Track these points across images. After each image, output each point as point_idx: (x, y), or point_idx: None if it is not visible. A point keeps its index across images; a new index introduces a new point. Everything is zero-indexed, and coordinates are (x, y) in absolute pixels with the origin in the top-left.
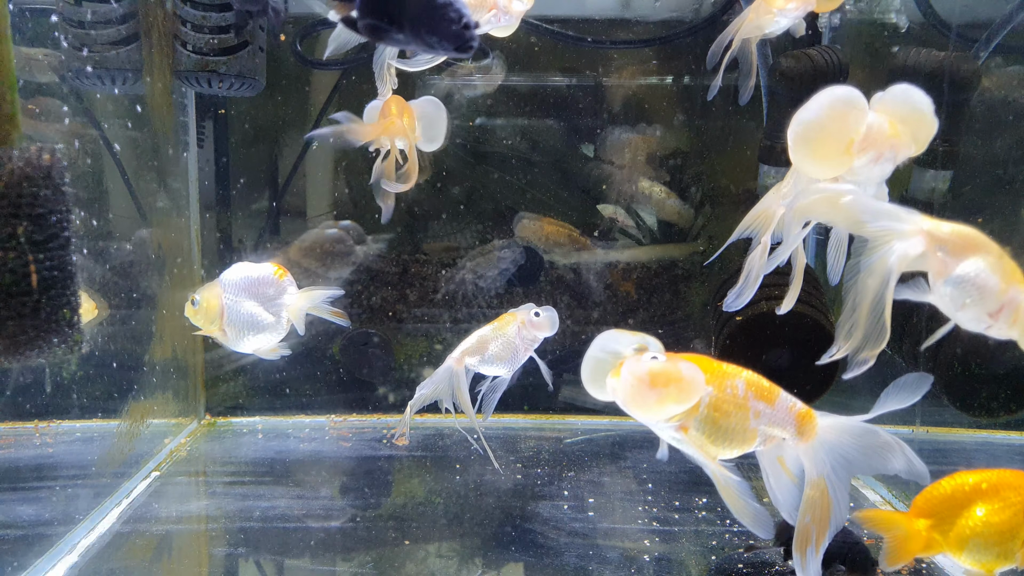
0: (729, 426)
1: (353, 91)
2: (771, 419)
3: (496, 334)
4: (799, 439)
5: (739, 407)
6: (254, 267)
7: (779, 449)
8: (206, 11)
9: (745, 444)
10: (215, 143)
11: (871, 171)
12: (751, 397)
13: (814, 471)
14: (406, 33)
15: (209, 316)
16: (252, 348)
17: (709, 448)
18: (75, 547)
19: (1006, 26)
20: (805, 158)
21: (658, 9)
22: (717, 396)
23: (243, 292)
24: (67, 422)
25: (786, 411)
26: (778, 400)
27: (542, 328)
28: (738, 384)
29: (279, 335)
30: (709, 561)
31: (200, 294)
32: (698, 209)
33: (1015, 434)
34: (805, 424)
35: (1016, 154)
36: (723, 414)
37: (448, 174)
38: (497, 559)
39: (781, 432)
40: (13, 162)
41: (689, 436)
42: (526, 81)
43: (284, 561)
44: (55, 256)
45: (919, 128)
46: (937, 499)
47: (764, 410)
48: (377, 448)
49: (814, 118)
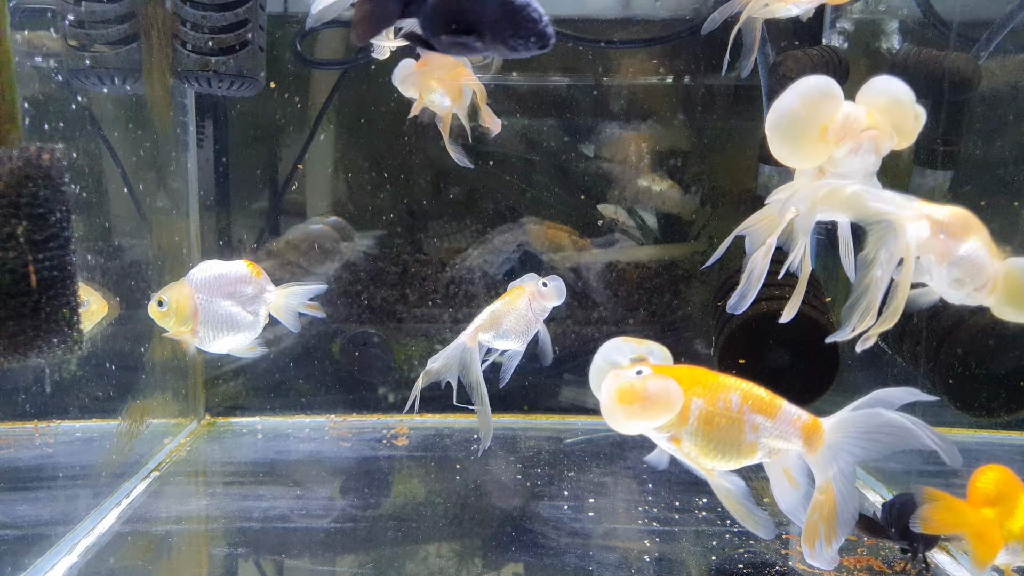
0: (722, 439)
1: (353, 91)
2: (772, 432)
3: (508, 308)
4: (807, 450)
5: (732, 420)
6: (227, 265)
7: (785, 460)
8: (206, 11)
9: (744, 457)
10: (215, 143)
11: (852, 162)
12: (747, 410)
13: (822, 477)
14: (486, 41)
15: (181, 316)
16: (227, 348)
17: (703, 460)
18: (75, 547)
19: (1006, 26)
20: (780, 145)
21: (658, 9)
22: (708, 409)
23: (217, 291)
24: (67, 422)
25: (790, 424)
26: (780, 413)
27: (551, 298)
28: (732, 397)
29: (255, 333)
30: (709, 561)
31: (167, 294)
32: (699, 209)
33: (1015, 434)
34: (812, 435)
35: (1016, 154)
36: (714, 427)
37: (448, 174)
38: (497, 559)
39: (786, 444)
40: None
41: (682, 448)
42: (526, 81)
43: (284, 561)
44: (55, 256)
45: (899, 117)
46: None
47: (763, 423)
48: (377, 448)
49: (787, 105)
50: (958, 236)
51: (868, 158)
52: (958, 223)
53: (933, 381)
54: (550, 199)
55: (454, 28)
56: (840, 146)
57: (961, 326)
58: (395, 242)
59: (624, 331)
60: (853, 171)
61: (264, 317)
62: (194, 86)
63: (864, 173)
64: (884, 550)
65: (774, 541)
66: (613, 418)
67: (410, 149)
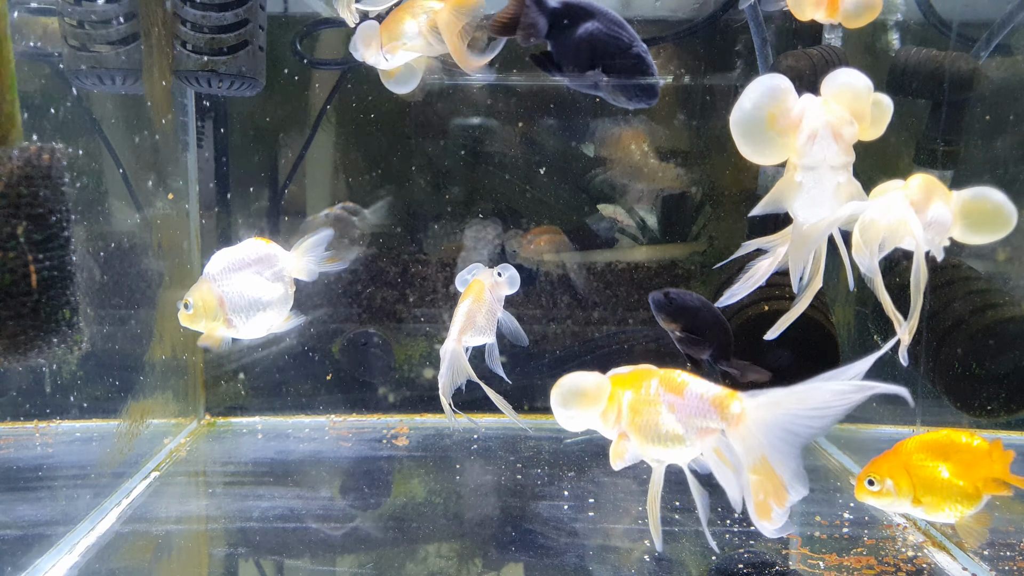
0: (648, 424)
1: (353, 91)
2: (687, 410)
3: (478, 305)
4: (728, 426)
5: (650, 403)
6: (239, 248)
7: (716, 442)
8: (206, 11)
9: (677, 442)
10: (215, 143)
11: (813, 152)
12: (661, 392)
13: (750, 456)
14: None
15: (209, 312)
16: (265, 328)
17: (648, 450)
18: (75, 547)
19: (1006, 26)
20: (742, 146)
21: (658, 9)
22: (634, 398)
23: (236, 274)
24: (67, 422)
25: (698, 398)
26: (687, 389)
27: (505, 287)
28: (651, 383)
29: (288, 304)
30: (709, 561)
31: (190, 296)
32: (698, 209)
33: (1015, 434)
34: (725, 409)
35: (1016, 154)
36: (638, 413)
37: (448, 174)
38: (497, 559)
39: (706, 422)
40: (13, 162)
41: (631, 443)
42: (526, 81)
43: (284, 561)
44: (55, 256)
45: (856, 105)
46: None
47: (675, 401)
48: (377, 448)
49: (738, 106)
50: (924, 208)
51: (829, 146)
52: (923, 196)
53: (933, 381)
54: (550, 199)
55: (590, 65)
56: (799, 136)
57: (961, 326)
58: (395, 242)
59: (624, 331)
60: (817, 161)
61: (291, 284)
62: (194, 86)
63: (830, 163)
64: (884, 550)
65: (775, 541)
66: (556, 410)
67: (410, 149)
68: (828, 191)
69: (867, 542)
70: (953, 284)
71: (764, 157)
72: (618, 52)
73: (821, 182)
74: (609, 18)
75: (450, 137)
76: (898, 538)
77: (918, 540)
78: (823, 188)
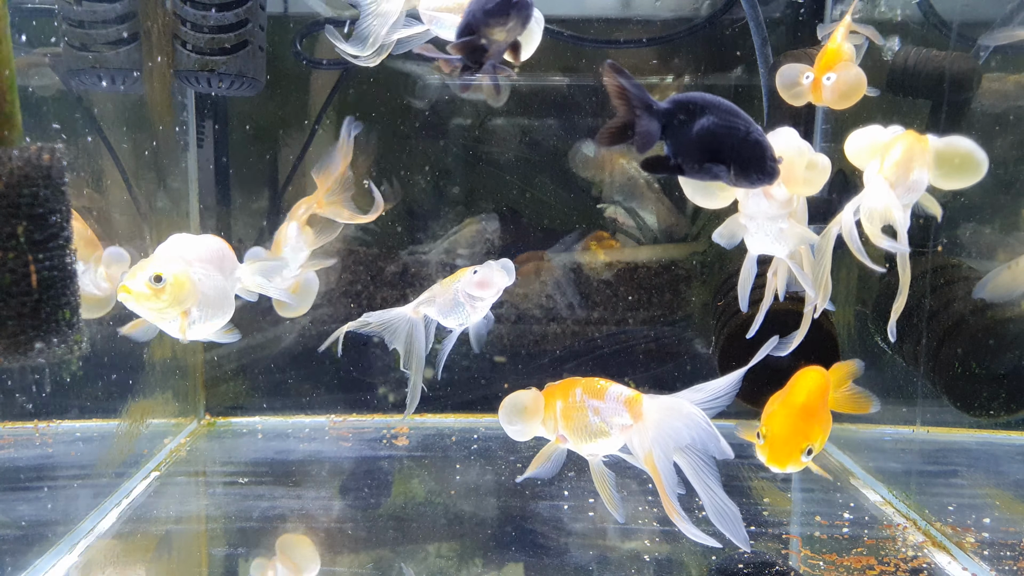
0: (580, 427)
1: (353, 91)
2: (607, 411)
3: (443, 288)
4: (632, 422)
5: (578, 408)
6: (202, 238)
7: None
8: (206, 11)
9: (603, 437)
10: (215, 143)
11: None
12: (586, 398)
13: (641, 449)
14: (731, 174)
15: (180, 295)
16: (209, 332)
17: (582, 447)
18: (75, 547)
19: (1006, 26)
20: (688, 194)
21: (658, 9)
22: (564, 406)
23: (208, 265)
24: (67, 422)
25: (615, 400)
26: (607, 393)
27: (472, 287)
28: (577, 391)
29: (231, 312)
30: (709, 561)
31: (164, 271)
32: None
33: (1015, 434)
34: (633, 408)
35: (1016, 154)
36: (571, 419)
37: (448, 174)
38: (497, 559)
39: (623, 420)
40: (13, 162)
41: (570, 444)
42: (526, 81)
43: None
44: (55, 256)
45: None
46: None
47: (599, 405)
48: (377, 448)
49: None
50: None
51: (760, 202)
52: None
53: (933, 381)
54: (550, 199)
55: (710, 159)
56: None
57: (961, 326)
58: (395, 242)
59: (624, 331)
60: (753, 213)
61: (242, 292)
62: (194, 86)
63: (765, 216)
64: (884, 550)
65: (775, 541)
66: (505, 427)
67: (410, 149)
68: (771, 233)
69: (867, 542)
70: (953, 284)
71: (709, 204)
72: (737, 143)
73: (762, 227)
74: (723, 109)
75: (450, 137)
76: (898, 538)
77: (918, 540)
78: (765, 231)
